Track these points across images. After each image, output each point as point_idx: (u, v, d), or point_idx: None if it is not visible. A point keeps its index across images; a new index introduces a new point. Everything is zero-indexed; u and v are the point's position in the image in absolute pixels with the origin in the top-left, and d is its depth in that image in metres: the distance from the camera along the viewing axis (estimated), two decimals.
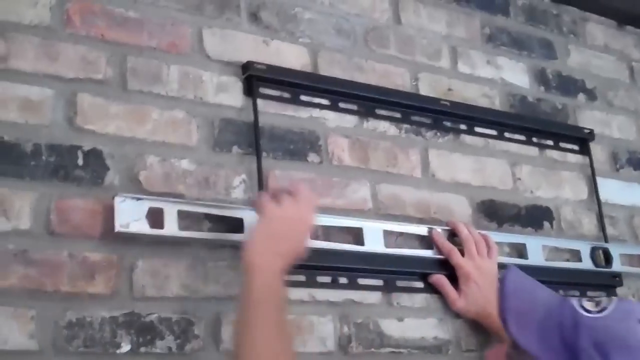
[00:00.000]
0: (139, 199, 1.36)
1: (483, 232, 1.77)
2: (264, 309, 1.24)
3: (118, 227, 1.33)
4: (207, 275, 1.43)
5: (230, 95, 1.58)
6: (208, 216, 1.45)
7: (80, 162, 1.38)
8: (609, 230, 2.07)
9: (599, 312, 1.20)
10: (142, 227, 1.35)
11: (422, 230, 1.71)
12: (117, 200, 1.34)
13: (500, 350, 1.36)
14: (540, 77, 2.13)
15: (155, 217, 1.37)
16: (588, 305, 1.22)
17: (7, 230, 1.28)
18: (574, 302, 1.23)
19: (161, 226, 1.37)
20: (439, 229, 1.72)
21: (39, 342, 1.26)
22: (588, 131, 2.12)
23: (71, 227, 1.33)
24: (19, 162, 1.32)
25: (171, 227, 1.38)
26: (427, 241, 1.71)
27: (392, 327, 1.61)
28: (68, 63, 1.42)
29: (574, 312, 1.20)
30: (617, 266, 1.98)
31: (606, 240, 2.02)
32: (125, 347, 1.32)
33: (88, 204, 1.36)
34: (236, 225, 1.46)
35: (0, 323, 1.23)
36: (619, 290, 2.00)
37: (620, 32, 2.41)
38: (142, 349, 1.34)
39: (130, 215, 1.35)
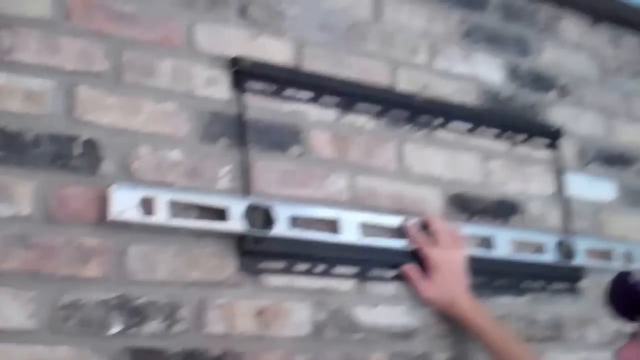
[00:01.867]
0: (132, 188, 1.49)
1: (453, 224, 1.90)
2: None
3: (112, 215, 1.46)
4: (193, 261, 1.56)
5: (218, 89, 1.70)
6: (195, 205, 1.58)
7: (77, 151, 1.50)
8: (574, 225, 2.22)
9: None
10: (135, 215, 1.48)
11: (396, 221, 1.84)
12: (112, 189, 1.47)
13: (635, 347, 1.40)
14: (514, 74, 2.27)
15: (147, 205, 1.50)
16: None
17: (9, 215, 1.40)
18: None
19: (152, 214, 1.50)
20: (412, 221, 1.86)
21: (37, 322, 1.38)
22: (557, 128, 2.26)
23: (68, 213, 1.46)
24: (21, 151, 1.44)
25: (162, 216, 1.51)
26: (400, 232, 1.85)
27: (364, 314, 1.76)
28: (68, 56, 1.54)
29: None
30: (580, 260, 2.14)
31: (571, 235, 2.17)
32: (116, 328, 1.46)
33: (84, 192, 1.48)
34: (221, 214, 1.59)
35: (3, 303, 1.36)
36: (581, 283, 2.15)
37: (594, 29, 2.55)
38: (132, 330, 1.47)
39: (124, 204, 1.47)
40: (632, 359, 1.36)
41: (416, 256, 1.85)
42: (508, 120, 2.18)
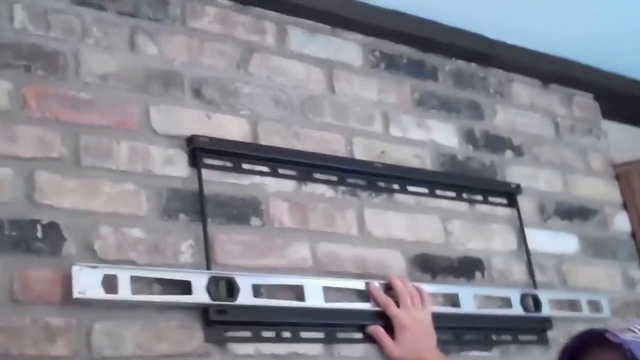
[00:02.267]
0: (94, 267, 1.53)
1: (417, 284, 1.94)
2: None
3: (76, 294, 1.49)
4: (160, 334, 1.59)
5: (176, 167, 1.76)
6: (159, 280, 1.61)
7: (39, 234, 1.54)
8: (539, 278, 2.26)
9: None
10: (98, 292, 1.51)
11: (360, 284, 1.88)
12: (75, 269, 1.50)
13: None
14: (469, 137, 2.34)
15: (110, 283, 1.53)
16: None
17: None
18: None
19: (115, 291, 1.54)
20: (375, 283, 1.89)
21: None
22: (515, 185, 2.32)
23: (33, 294, 1.49)
24: None
25: (125, 292, 1.54)
26: (364, 295, 1.88)
27: None
28: (25, 144, 1.59)
29: None
30: (546, 311, 2.17)
31: (535, 287, 2.21)
32: None
33: (48, 273, 1.52)
34: (185, 287, 1.62)
35: None
36: (549, 333, 2.19)
37: (545, 90, 2.63)
38: None
39: (87, 282, 1.51)
40: None
41: (382, 317, 1.87)
42: (465, 181, 2.24)
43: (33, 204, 1.56)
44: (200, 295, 1.63)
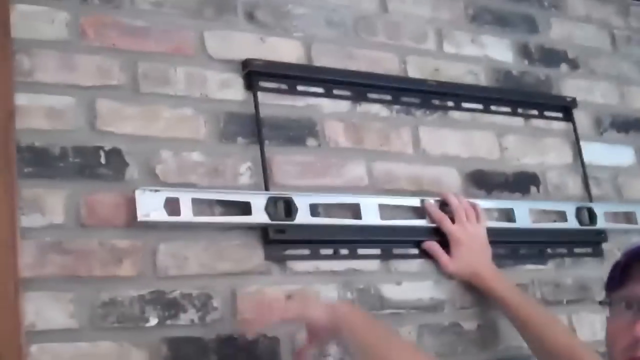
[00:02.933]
0: (156, 190, 1.57)
1: (472, 200, 1.96)
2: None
3: (140, 217, 1.54)
4: (221, 254, 1.64)
5: (232, 91, 1.78)
6: (219, 202, 1.66)
7: (102, 160, 1.58)
8: (594, 191, 2.26)
9: None
10: (160, 215, 1.56)
11: (415, 202, 1.90)
12: (138, 193, 1.55)
13: None
14: (524, 51, 2.32)
15: (172, 206, 1.58)
16: None
17: (44, 225, 1.49)
18: None
19: (178, 213, 1.58)
20: (431, 200, 1.92)
21: (78, 321, 1.47)
22: (570, 99, 2.31)
23: (99, 219, 1.54)
24: (50, 165, 1.53)
25: (187, 214, 1.59)
26: (420, 212, 1.91)
27: (391, 291, 1.82)
28: (85, 72, 1.63)
29: None
30: (601, 223, 2.18)
31: (591, 200, 2.22)
32: (153, 321, 1.54)
33: (112, 197, 1.57)
34: (245, 208, 1.67)
35: (44, 306, 1.45)
36: (604, 245, 2.20)
37: (601, 1, 2.59)
38: (168, 322, 1.55)
39: (149, 206, 1.55)
40: None
41: (438, 233, 1.90)
42: (520, 96, 2.24)
43: (95, 131, 1.60)
44: (259, 215, 1.67)
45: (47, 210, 1.51)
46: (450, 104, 2.10)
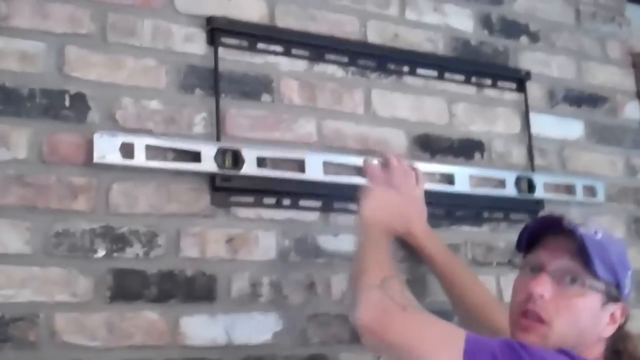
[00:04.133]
0: (113, 134, 1.77)
1: (414, 162, 2.15)
2: (372, 250, 1.78)
3: (96, 158, 1.74)
4: (170, 196, 1.85)
5: (195, 45, 1.97)
6: (172, 149, 1.86)
7: (67, 103, 1.78)
8: (539, 162, 2.46)
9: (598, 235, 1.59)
10: (115, 158, 1.77)
11: (359, 160, 2.10)
12: (96, 136, 1.75)
13: (545, 280, 1.57)
14: (485, 22, 2.49)
15: (127, 150, 1.78)
16: (591, 232, 1.58)
17: (8, 159, 1.70)
18: (587, 232, 1.58)
19: (132, 157, 1.79)
20: (373, 160, 2.11)
21: (32, 248, 1.69)
22: (525, 72, 2.49)
23: (59, 156, 1.75)
24: (18, 104, 1.73)
25: (140, 158, 1.79)
26: (363, 171, 2.10)
27: (327, 242, 2.03)
28: (58, 20, 1.81)
29: (598, 239, 1.56)
30: (539, 193, 2.38)
31: (533, 170, 2.41)
32: (101, 253, 1.75)
33: (73, 138, 1.77)
34: (195, 156, 1.87)
35: (3, 232, 1.66)
36: (541, 214, 2.39)
37: None
38: (115, 255, 1.76)
39: (106, 149, 1.76)
40: (542, 290, 1.61)
41: None
42: (475, 65, 2.41)
43: (62, 76, 1.79)
44: (208, 164, 1.87)
45: (11, 145, 1.71)
46: (405, 69, 2.28)
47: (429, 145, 2.27)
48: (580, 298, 1.56)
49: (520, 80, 2.48)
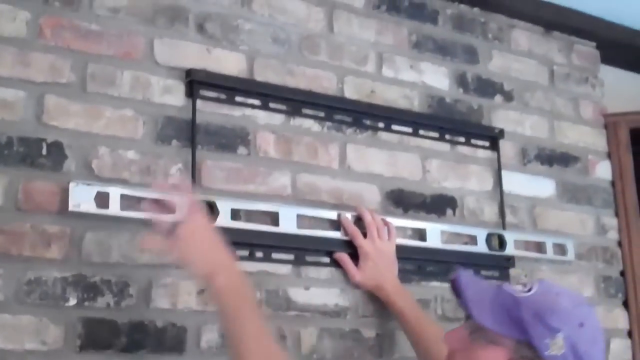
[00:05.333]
0: (89, 184, 1.79)
1: (386, 217, 2.19)
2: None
3: (71, 207, 1.76)
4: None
5: (173, 97, 2.00)
6: (147, 198, 1.88)
7: (44, 152, 1.80)
8: (511, 219, 2.50)
9: (528, 291, 1.60)
10: (90, 207, 1.79)
11: (332, 214, 2.13)
12: (71, 185, 1.77)
13: (458, 331, 1.66)
14: (460, 80, 2.55)
15: (102, 199, 1.80)
16: (518, 287, 1.63)
17: None
18: (508, 286, 1.64)
19: (106, 206, 1.81)
20: (347, 214, 2.15)
21: (4, 295, 1.70)
22: (498, 130, 2.54)
23: (34, 204, 1.77)
24: None
25: (114, 208, 1.81)
26: (336, 224, 2.14)
27: (298, 295, 2.06)
28: (38, 69, 1.84)
29: (512, 293, 1.60)
30: (510, 250, 2.42)
31: (504, 228, 2.46)
32: (72, 301, 1.77)
33: (49, 186, 1.79)
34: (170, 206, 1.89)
35: None
36: (512, 271, 2.44)
37: (545, 37, 2.81)
38: (86, 304, 1.78)
39: (81, 197, 1.78)
40: (452, 341, 1.65)
41: (350, 246, 2.13)
42: (449, 123, 2.46)
43: (41, 124, 1.82)
44: (182, 215, 1.88)
45: None
46: (380, 125, 2.32)
47: (402, 200, 2.31)
48: (482, 351, 1.58)
49: (493, 138, 2.53)
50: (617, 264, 2.73)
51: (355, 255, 2.14)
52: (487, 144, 2.53)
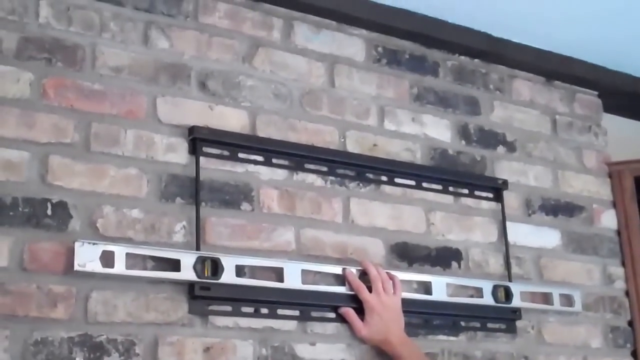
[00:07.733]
0: (94, 243, 1.84)
1: (391, 271, 2.23)
2: None
3: (77, 267, 1.81)
4: (149, 305, 1.91)
5: (177, 154, 2.05)
6: (152, 257, 1.92)
7: (49, 212, 1.85)
8: (516, 270, 2.54)
9: None
10: (96, 266, 1.83)
11: (337, 269, 2.17)
12: (77, 245, 1.82)
13: None
14: (462, 132, 2.60)
15: (108, 258, 1.85)
16: None
17: None
18: None
19: (112, 266, 1.85)
20: (352, 269, 2.19)
21: (10, 356, 1.73)
22: (502, 181, 2.59)
23: (40, 264, 1.81)
24: (0, 212, 1.80)
25: (120, 267, 1.86)
26: (341, 279, 2.18)
27: (305, 350, 2.09)
28: (42, 130, 1.89)
29: None
30: (516, 302, 2.45)
31: (510, 279, 2.49)
32: None
33: (54, 246, 1.83)
34: (175, 264, 1.93)
35: None
36: (518, 323, 2.47)
37: (547, 87, 2.87)
38: None
39: (87, 257, 1.82)
40: None
41: (355, 300, 2.17)
42: (452, 175, 2.51)
43: (45, 185, 1.87)
44: (187, 272, 1.94)
45: None
46: (383, 178, 2.37)
47: (407, 254, 2.35)
48: None
49: (497, 189, 2.58)
50: (624, 313, 2.76)
51: (360, 310, 2.17)
52: (491, 195, 2.57)
